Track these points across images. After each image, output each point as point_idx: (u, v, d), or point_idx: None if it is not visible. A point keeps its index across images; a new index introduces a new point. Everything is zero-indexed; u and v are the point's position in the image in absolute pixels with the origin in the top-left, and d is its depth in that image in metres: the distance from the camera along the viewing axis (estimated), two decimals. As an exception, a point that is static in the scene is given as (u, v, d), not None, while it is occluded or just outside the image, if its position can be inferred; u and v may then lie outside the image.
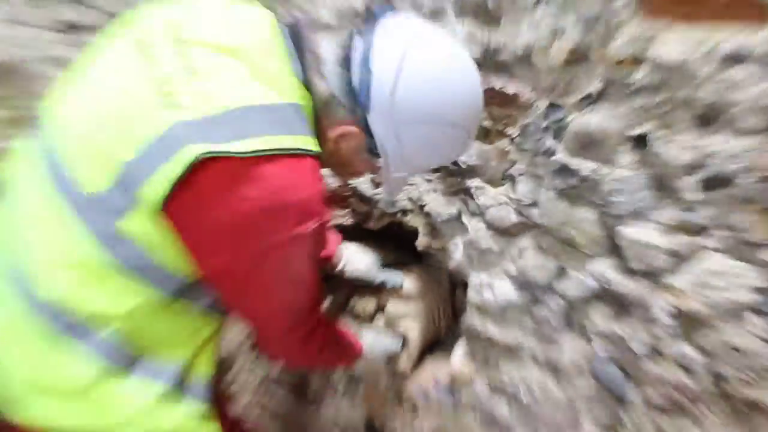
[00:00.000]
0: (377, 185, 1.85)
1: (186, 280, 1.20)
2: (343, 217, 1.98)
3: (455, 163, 1.65)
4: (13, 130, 1.90)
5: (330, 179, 1.90)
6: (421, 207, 1.78)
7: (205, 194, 1.08)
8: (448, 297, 2.01)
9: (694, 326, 1.45)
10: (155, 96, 1.10)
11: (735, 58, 1.26)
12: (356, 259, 1.88)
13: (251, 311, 1.29)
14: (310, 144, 1.14)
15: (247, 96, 1.11)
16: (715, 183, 1.34)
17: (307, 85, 1.20)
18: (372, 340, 1.72)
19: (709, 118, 1.32)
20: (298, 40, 1.23)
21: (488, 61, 1.55)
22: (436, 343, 1.99)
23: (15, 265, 1.20)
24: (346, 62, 1.21)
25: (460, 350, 1.86)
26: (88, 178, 1.13)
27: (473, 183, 1.68)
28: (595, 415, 1.64)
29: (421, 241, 1.83)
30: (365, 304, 1.91)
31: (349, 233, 1.99)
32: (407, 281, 1.90)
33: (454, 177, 1.70)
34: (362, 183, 1.87)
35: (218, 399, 1.46)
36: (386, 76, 1.17)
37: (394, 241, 1.98)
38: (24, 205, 1.23)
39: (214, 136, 1.06)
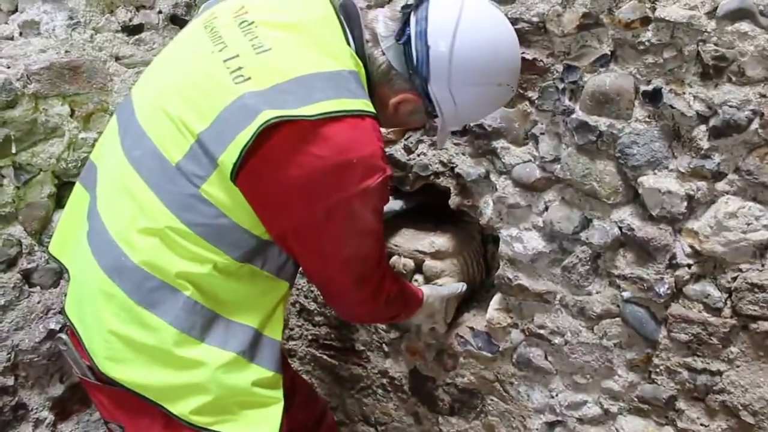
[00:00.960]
0: (410, 152, 1.91)
1: (254, 242, 1.28)
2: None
3: (481, 127, 1.71)
4: (88, 123, 2.01)
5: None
6: (452, 169, 1.83)
7: (278, 156, 1.17)
8: (481, 250, 2.03)
9: (715, 267, 1.50)
10: (226, 73, 1.21)
11: (738, 13, 1.32)
12: None
13: (324, 268, 1.37)
14: (367, 106, 1.24)
15: (309, 65, 1.22)
16: (726, 130, 1.39)
17: (360, 55, 1.31)
18: (430, 289, 1.80)
19: (717, 70, 1.37)
20: (349, 16, 1.34)
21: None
22: (470, 295, 2.03)
23: (102, 233, 1.29)
24: (403, 38, 1.31)
25: (495, 301, 1.90)
26: (167, 150, 1.24)
27: (499, 144, 1.72)
28: (627, 358, 1.69)
29: (453, 201, 1.87)
30: (405, 261, 1.96)
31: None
32: (443, 239, 1.93)
33: (481, 139, 1.74)
34: (397, 151, 1.92)
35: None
36: (442, 49, 1.28)
37: (429, 201, 2.02)
38: (103, 179, 1.35)
39: (282, 102, 1.16)
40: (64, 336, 1.39)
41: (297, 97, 1.17)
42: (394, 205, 1.98)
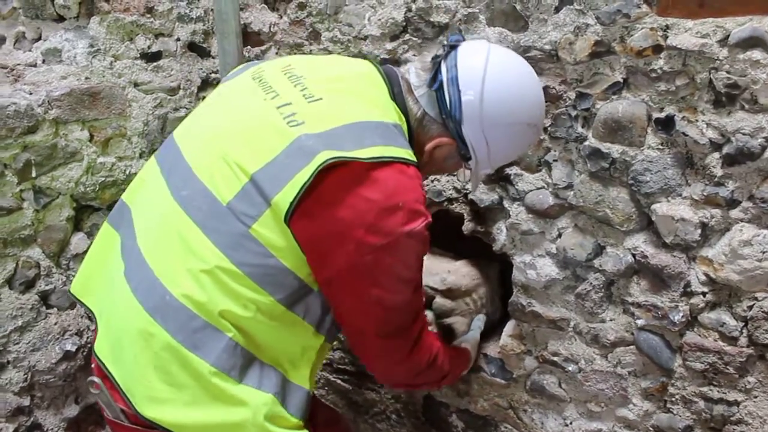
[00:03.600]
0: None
1: (297, 285, 1.28)
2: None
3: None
4: (106, 148, 2.06)
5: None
6: (465, 195, 1.84)
7: (331, 197, 1.21)
8: (499, 290, 1.97)
9: (730, 295, 1.49)
10: (279, 117, 1.26)
11: (750, 42, 1.32)
12: None
13: (364, 319, 1.35)
14: (411, 156, 1.30)
15: (358, 114, 1.28)
16: (739, 158, 1.39)
17: (402, 110, 1.37)
18: (468, 341, 1.80)
19: (729, 98, 1.38)
20: (389, 74, 1.41)
21: (518, 58, 1.62)
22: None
23: (145, 272, 1.29)
24: (435, 84, 1.37)
25: (508, 328, 1.89)
26: (218, 190, 1.26)
27: (512, 170, 1.73)
28: (642, 386, 1.67)
29: (467, 227, 1.88)
30: None
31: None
32: (455, 277, 1.88)
33: (494, 166, 1.76)
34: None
35: None
36: (474, 92, 1.34)
37: (442, 227, 2.01)
38: (144, 220, 1.36)
39: (338, 145, 1.21)
40: (96, 379, 1.37)
41: (351, 141, 1.22)
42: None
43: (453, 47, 1.40)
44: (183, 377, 1.25)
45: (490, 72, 1.35)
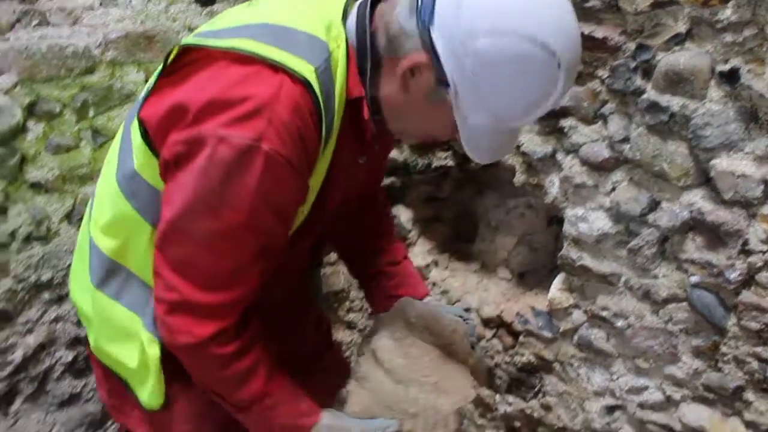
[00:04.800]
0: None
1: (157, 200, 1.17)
2: (444, 159, 2.04)
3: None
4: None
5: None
6: (518, 147, 1.81)
7: (177, 80, 1.09)
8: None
9: (791, 255, 1.45)
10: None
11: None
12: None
13: (163, 231, 1.10)
14: (301, 67, 1.02)
15: (267, 16, 1.12)
16: (808, 112, 1.33)
17: (360, 36, 1.11)
18: (332, 417, 1.25)
19: (801, 49, 1.32)
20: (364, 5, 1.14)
21: (577, 8, 1.50)
22: (534, 275, 1.97)
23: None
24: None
25: (558, 281, 1.89)
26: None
27: (567, 122, 1.70)
28: (692, 344, 1.65)
29: (518, 179, 1.86)
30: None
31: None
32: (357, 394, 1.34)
33: (549, 117, 1.67)
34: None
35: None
36: None
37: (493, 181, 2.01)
38: None
39: (207, 36, 1.11)
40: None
41: (225, 34, 1.09)
42: None
43: None
44: (83, 277, 1.31)
45: None
